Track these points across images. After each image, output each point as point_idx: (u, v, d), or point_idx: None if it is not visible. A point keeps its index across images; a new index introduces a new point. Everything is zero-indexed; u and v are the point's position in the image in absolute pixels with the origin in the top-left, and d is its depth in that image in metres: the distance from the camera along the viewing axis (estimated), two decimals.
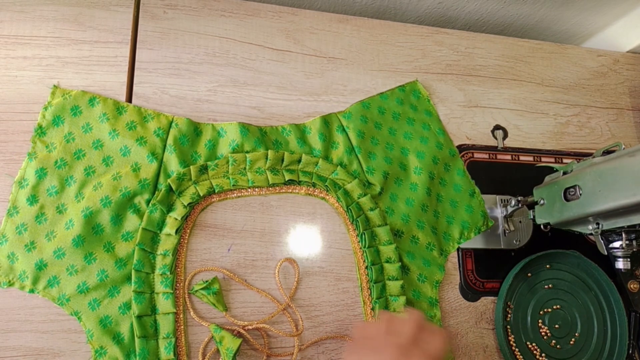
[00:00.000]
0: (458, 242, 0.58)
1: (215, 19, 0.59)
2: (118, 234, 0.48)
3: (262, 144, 0.54)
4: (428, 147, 0.60)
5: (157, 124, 0.52)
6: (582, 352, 0.57)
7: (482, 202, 0.60)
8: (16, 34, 0.53)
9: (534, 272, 0.58)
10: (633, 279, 0.59)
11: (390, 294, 0.53)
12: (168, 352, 0.46)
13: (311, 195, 0.55)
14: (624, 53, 0.76)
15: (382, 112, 0.60)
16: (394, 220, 0.56)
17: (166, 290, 0.47)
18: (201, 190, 0.51)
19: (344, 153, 0.57)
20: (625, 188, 0.44)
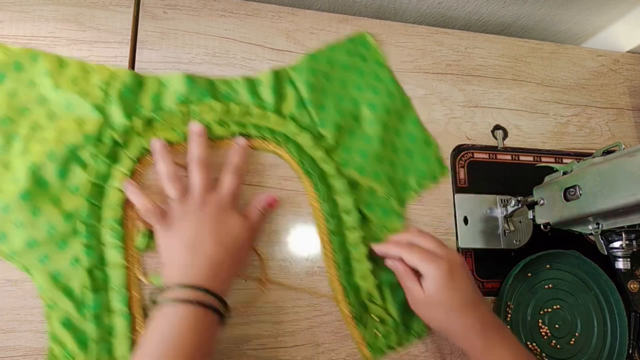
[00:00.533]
0: (416, 191, 0.59)
1: (215, 19, 0.59)
2: (65, 188, 0.48)
3: (210, 95, 0.54)
4: (380, 97, 0.60)
5: (100, 76, 0.52)
6: (582, 352, 0.57)
7: (437, 150, 0.60)
8: (16, 34, 0.53)
9: (534, 272, 0.58)
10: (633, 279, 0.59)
11: (350, 245, 0.53)
12: (119, 304, 0.46)
13: (262, 149, 0.55)
14: (624, 53, 0.76)
15: (331, 64, 0.60)
16: (350, 172, 0.56)
17: (115, 243, 0.47)
18: (147, 142, 0.50)
19: (295, 106, 0.56)
20: (625, 188, 0.44)
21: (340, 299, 0.52)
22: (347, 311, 0.51)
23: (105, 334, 0.45)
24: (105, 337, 0.45)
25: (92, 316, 0.45)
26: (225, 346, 0.49)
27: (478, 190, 0.61)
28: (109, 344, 0.45)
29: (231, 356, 0.49)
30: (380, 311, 0.52)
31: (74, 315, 0.45)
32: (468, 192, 0.61)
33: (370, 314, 0.52)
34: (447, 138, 0.63)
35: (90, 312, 0.45)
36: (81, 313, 0.45)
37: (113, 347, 0.45)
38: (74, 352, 0.44)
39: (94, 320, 0.45)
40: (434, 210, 0.59)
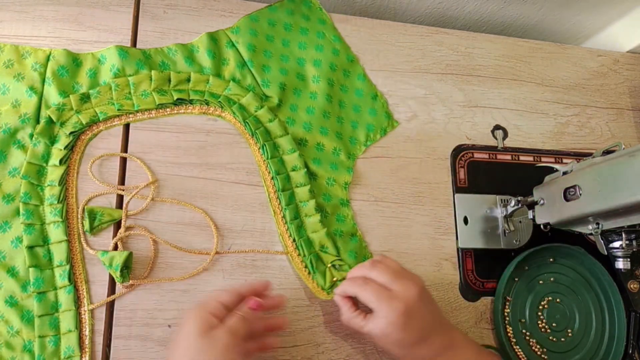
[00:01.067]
0: (365, 144, 0.59)
1: (215, 19, 0.59)
2: (4, 171, 0.49)
3: (146, 66, 0.54)
4: (324, 54, 0.61)
5: (34, 58, 0.52)
6: (577, 348, 0.57)
7: (385, 103, 0.61)
8: (16, 34, 0.53)
9: (536, 264, 0.58)
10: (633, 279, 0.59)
11: (299, 200, 0.53)
12: (63, 279, 0.47)
13: (205, 113, 0.55)
14: (624, 53, 0.76)
15: (272, 24, 0.60)
16: (296, 129, 0.57)
17: (56, 220, 0.48)
18: (84, 118, 0.51)
19: (236, 68, 0.57)
20: (625, 188, 0.44)
21: (293, 253, 0.52)
22: (300, 264, 0.52)
23: (51, 309, 0.46)
24: (51, 312, 0.46)
25: (35, 293, 0.46)
26: None
27: (478, 190, 0.61)
28: (55, 319, 0.46)
29: None
30: (335, 259, 0.53)
31: (17, 293, 0.46)
32: (468, 192, 0.61)
33: (325, 264, 0.52)
34: (447, 138, 0.63)
35: (33, 289, 0.46)
36: (25, 291, 0.46)
37: (59, 321, 0.46)
38: (19, 328, 0.45)
39: (37, 296, 0.46)
40: (434, 210, 0.59)
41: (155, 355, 0.47)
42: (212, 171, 0.54)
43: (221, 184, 0.54)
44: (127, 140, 0.53)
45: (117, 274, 0.46)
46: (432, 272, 0.57)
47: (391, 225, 0.57)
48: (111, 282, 0.49)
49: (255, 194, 0.54)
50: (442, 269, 0.57)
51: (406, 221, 0.58)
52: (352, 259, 0.53)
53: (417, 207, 0.59)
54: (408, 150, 0.61)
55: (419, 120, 0.63)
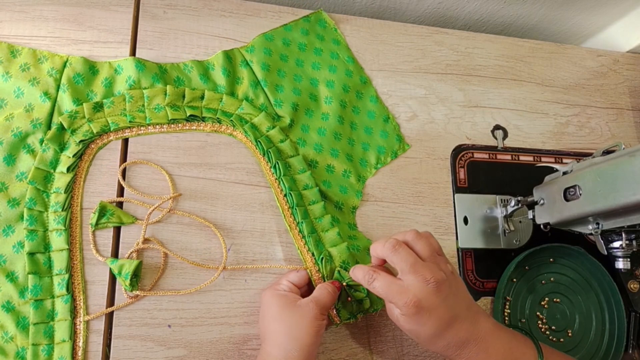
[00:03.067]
0: (375, 167, 0.59)
1: (215, 19, 0.59)
2: (12, 174, 0.49)
3: (161, 80, 0.54)
4: (337, 75, 0.60)
5: (51, 64, 0.52)
6: (577, 348, 0.57)
7: (397, 126, 0.61)
8: (16, 34, 0.53)
9: (535, 264, 0.58)
10: (633, 279, 0.59)
11: (314, 217, 0.53)
12: (61, 288, 0.46)
13: (217, 131, 0.55)
14: (624, 53, 0.76)
15: (287, 43, 0.60)
16: (307, 150, 0.56)
17: (59, 228, 0.48)
18: (95, 127, 0.50)
19: (249, 87, 0.57)
20: (625, 188, 0.44)
21: (312, 269, 0.51)
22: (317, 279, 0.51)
23: (47, 318, 0.46)
24: (46, 321, 0.46)
25: (33, 300, 0.46)
26: (225, 346, 0.49)
27: (478, 190, 0.61)
28: (50, 328, 0.46)
29: (231, 356, 0.49)
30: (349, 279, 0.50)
31: (15, 299, 0.46)
32: (468, 192, 0.61)
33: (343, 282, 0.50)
34: (447, 138, 0.63)
35: (31, 295, 0.46)
36: (23, 297, 0.46)
37: (54, 330, 0.46)
38: (14, 334, 0.45)
39: (34, 304, 0.46)
40: (434, 210, 0.59)
41: (155, 355, 0.47)
42: (212, 171, 0.54)
43: (221, 184, 0.54)
44: (127, 141, 0.53)
45: (126, 282, 0.46)
46: None
47: (391, 225, 0.57)
48: (110, 292, 0.48)
49: (255, 194, 0.54)
50: None
51: (406, 221, 0.58)
52: None
53: (417, 207, 0.59)
54: (408, 150, 0.61)
55: (419, 120, 0.63)
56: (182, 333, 0.48)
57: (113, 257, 0.48)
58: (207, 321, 0.49)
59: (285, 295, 0.47)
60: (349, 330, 0.53)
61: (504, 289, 0.56)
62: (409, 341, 0.54)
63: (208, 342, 0.49)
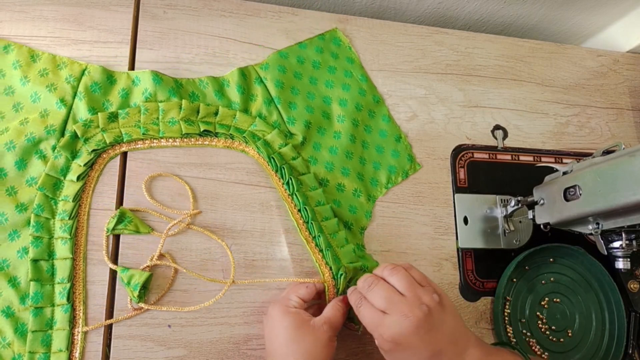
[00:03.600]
0: (386, 187, 0.59)
1: (215, 19, 0.59)
2: (22, 179, 0.49)
3: (177, 94, 0.54)
4: (351, 94, 0.60)
5: (69, 71, 0.52)
6: (577, 348, 0.57)
7: (408, 146, 0.61)
8: (16, 34, 0.53)
9: (536, 264, 0.58)
10: (633, 279, 0.59)
11: (328, 233, 0.53)
12: (62, 297, 0.46)
13: (229, 147, 0.55)
14: (624, 53, 0.76)
15: (301, 61, 0.60)
16: (318, 168, 0.56)
17: (64, 236, 0.47)
18: (108, 137, 0.50)
19: (263, 104, 0.56)
20: (625, 188, 0.44)
21: (329, 282, 0.50)
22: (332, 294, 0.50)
23: (45, 326, 0.45)
24: (44, 329, 0.45)
25: (33, 307, 0.45)
26: (225, 346, 0.49)
27: (478, 190, 0.61)
28: (48, 336, 0.45)
29: (231, 356, 0.49)
30: None
31: (15, 304, 0.46)
32: (468, 192, 0.61)
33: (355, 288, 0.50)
34: (447, 138, 0.63)
35: (31, 302, 0.45)
36: (23, 303, 0.46)
37: (51, 339, 0.45)
38: (11, 340, 0.45)
39: (34, 311, 0.45)
40: (434, 210, 0.59)
41: (155, 355, 0.47)
42: (212, 171, 0.54)
43: (221, 184, 0.54)
44: None
45: (134, 293, 0.46)
46: (432, 272, 0.57)
47: (391, 225, 0.57)
48: (110, 297, 0.48)
49: (255, 194, 0.54)
50: (442, 269, 0.57)
51: (406, 221, 0.58)
52: None
53: (417, 207, 0.59)
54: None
55: (419, 120, 0.63)
56: (182, 333, 0.48)
57: (124, 267, 0.48)
58: (207, 321, 0.49)
59: (297, 313, 0.45)
60: (349, 330, 0.53)
61: (504, 289, 0.56)
62: None
63: (208, 342, 0.49)
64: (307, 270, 0.53)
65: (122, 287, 0.48)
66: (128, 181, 0.51)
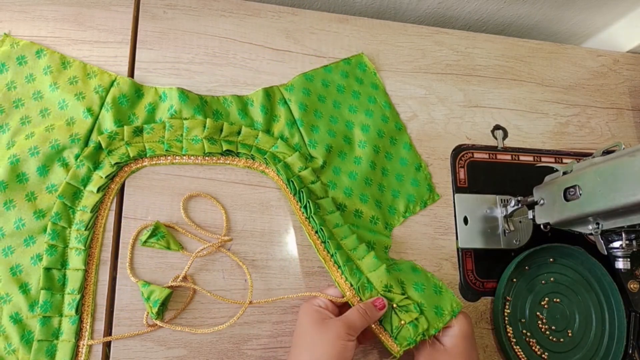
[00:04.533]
0: (403, 215, 0.58)
1: (215, 19, 0.59)
2: (43, 185, 0.48)
3: (202, 112, 0.53)
4: (373, 120, 0.60)
5: (99, 81, 0.52)
6: (577, 348, 0.57)
7: (428, 175, 0.60)
8: (16, 34, 0.53)
9: (536, 264, 0.58)
10: (633, 279, 0.59)
11: (348, 249, 0.52)
12: (70, 308, 0.46)
13: (250, 168, 0.55)
14: (624, 53, 0.76)
15: (326, 85, 0.60)
16: (337, 193, 0.56)
17: (79, 247, 0.47)
18: (132, 151, 0.50)
19: (285, 126, 0.56)
20: (625, 188, 0.44)
21: (352, 299, 0.49)
22: None
23: (51, 336, 0.45)
24: (50, 339, 0.45)
25: (41, 316, 0.45)
26: (225, 346, 0.49)
27: (478, 190, 0.61)
28: (53, 346, 0.45)
29: (231, 356, 0.49)
30: (402, 298, 0.48)
31: (24, 311, 0.46)
32: (468, 192, 0.61)
33: (391, 304, 0.48)
34: (447, 138, 0.63)
35: (40, 311, 0.45)
36: (32, 311, 0.46)
37: (56, 350, 0.45)
38: (17, 347, 0.45)
39: (41, 320, 0.45)
40: (434, 210, 0.59)
41: (155, 355, 0.47)
42: (212, 171, 0.54)
43: (221, 184, 0.54)
44: None
45: (153, 310, 0.46)
46: (432, 272, 0.57)
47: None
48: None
49: (255, 194, 0.54)
50: (442, 269, 0.57)
51: (406, 221, 0.58)
52: (420, 292, 0.49)
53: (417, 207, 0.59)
54: None
55: (419, 120, 0.63)
56: (182, 333, 0.48)
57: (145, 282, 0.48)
58: (207, 321, 0.49)
59: (318, 311, 0.46)
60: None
61: (504, 289, 0.56)
62: None
63: (208, 342, 0.49)
64: (306, 271, 0.53)
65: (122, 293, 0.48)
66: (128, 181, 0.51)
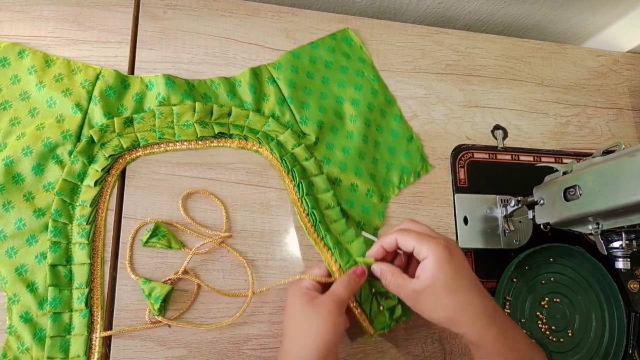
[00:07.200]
0: (398, 187, 0.59)
1: (215, 19, 0.59)
2: (39, 184, 0.48)
3: (190, 97, 0.54)
4: (363, 94, 0.60)
5: (84, 76, 0.52)
6: (577, 348, 0.57)
7: (420, 146, 0.61)
8: (16, 34, 0.53)
9: (536, 264, 0.58)
10: (633, 279, 0.59)
11: (337, 233, 0.53)
12: (80, 302, 0.46)
13: (244, 148, 0.55)
14: (624, 53, 0.76)
15: (313, 61, 0.60)
16: (331, 168, 0.56)
17: (82, 241, 0.47)
18: (125, 142, 0.50)
19: (276, 104, 0.56)
20: (625, 188, 0.44)
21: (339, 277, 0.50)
22: None
23: (63, 331, 0.45)
24: (62, 334, 0.45)
25: (51, 312, 0.45)
26: (225, 346, 0.49)
27: (478, 190, 0.61)
28: (66, 342, 0.45)
29: (231, 356, 0.49)
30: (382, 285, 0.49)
31: (33, 310, 0.46)
32: (468, 192, 0.61)
33: (371, 289, 0.51)
34: (447, 138, 0.63)
35: (49, 308, 0.45)
36: (42, 309, 0.46)
37: (69, 344, 0.45)
38: (30, 345, 0.45)
39: (52, 316, 0.45)
40: (434, 210, 0.59)
41: (155, 355, 0.47)
42: (212, 171, 0.54)
43: (221, 184, 0.54)
44: None
45: (155, 306, 0.46)
46: None
47: (391, 225, 0.57)
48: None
49: (255, 194, 0.54)
50: None
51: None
52: None
53: (417, 207, 0.59)
54: None
55: (419, 120, 0.63)
56: (182, 333, 0.48)
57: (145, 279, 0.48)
58: (207, 321, 0.49)
59: (306, 293, 0.46)
60: (349, 330, 0.53)
61: (504, 289, 0.56)
62: (410, 341, 0.54)
63: (208, 342, 0.49)
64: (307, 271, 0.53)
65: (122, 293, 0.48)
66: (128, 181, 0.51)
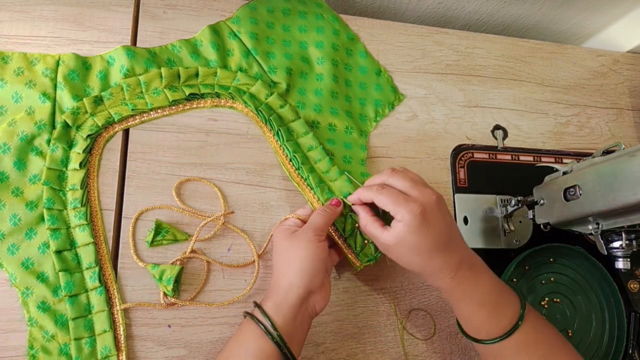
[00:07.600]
0: (375, 120, 0.61)
1: (216, 19, 0.59)
2: (25, 178, 0.49)
3: (154, 64, 0.54)
4: (325, 35, 0.61)
5: (44, 65, 0.52)
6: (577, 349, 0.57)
7: (389, 78, 0.63)
8: (16, 34, 0.53)
9: (536, 264, 0.58)
10: (633, 279, 0.59)
11: (321, 171, 0.54)
12: (93, 281, 0.47)
13: (218, 106, 0.55)
14: (624, 53, 0.76)
15: (270, 10, 0.61)
16: (307, 112, 0.57)
17: (81, 223, 0.48)
18: (99, 120, 0.51)
19: (242, 58, 0.57)
20: (625, 188, 0.44)
21: None
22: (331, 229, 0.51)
23: (84, 311, 0.46)
24: (84, 314, 0.46)
25: (67, 296, 0.46)
26: None
27: (478, 190, 0.61)
28: (89, 320, 0.47)
29: None
30: None
31: (49, 298, 0.46)
32: (468, 192, 0.61)
33: (355, 224, 0.52)
34: (447, 138, 0.63)
35: (64, 292, 0.46)
36: (57, 295, 0.46)
37: (93, 322, 0.47)
38: (54, 332, 0.45)
39: (69, 300, 0.46)
40: None
41: (155, 355, 0.47)
42: (212, 171, 0.54)
43: (221, 184, 0.54)
44: (127, 142, 0.53)
45: (168, 288, 0.47)
46: None
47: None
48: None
49: (255, 194, 0.54)
50: None
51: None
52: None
53: None
54: (408, 150, 0.61)
55: (419, 120, 0.63)
56: (182, 333, 0.48)
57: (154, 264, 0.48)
58: (207, 321, 0.49)
59: (288, 229, 0.49)
60: (349, 330, 0.53)
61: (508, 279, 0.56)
62: (409, 340, 0.54)
63: (208, 342, 0.49)
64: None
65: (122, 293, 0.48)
66: (128, 181, 0.51)
